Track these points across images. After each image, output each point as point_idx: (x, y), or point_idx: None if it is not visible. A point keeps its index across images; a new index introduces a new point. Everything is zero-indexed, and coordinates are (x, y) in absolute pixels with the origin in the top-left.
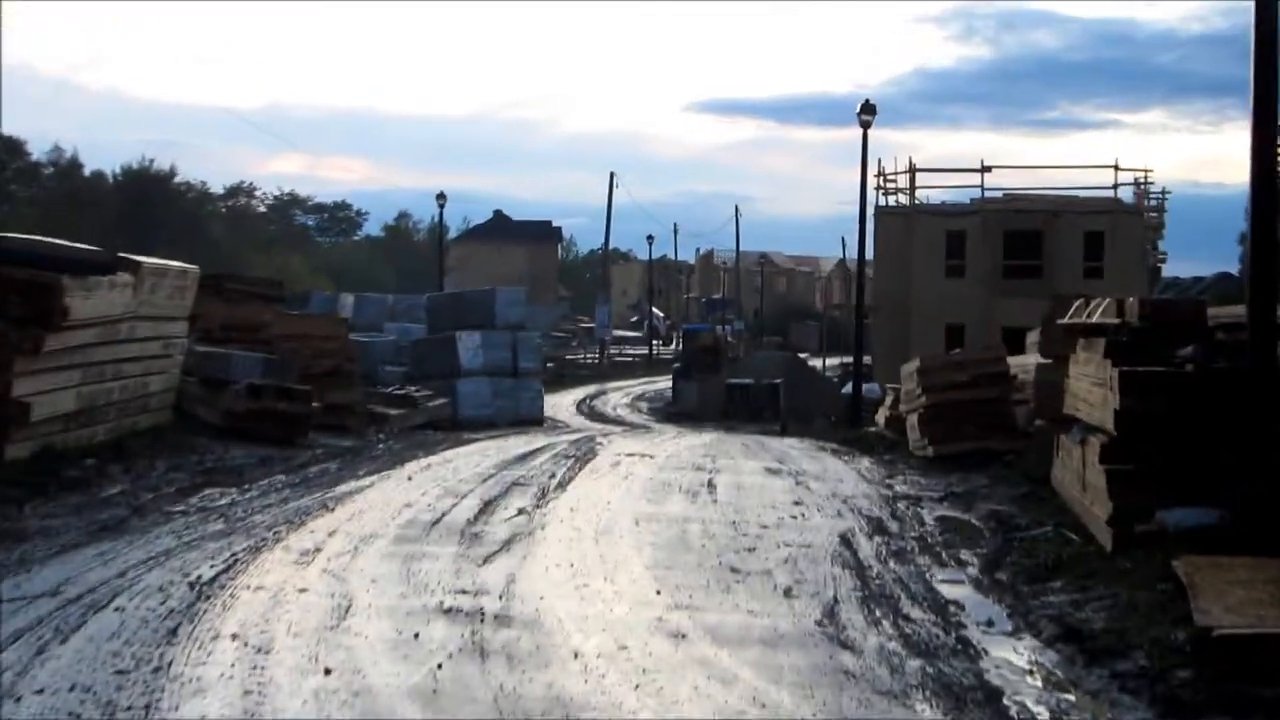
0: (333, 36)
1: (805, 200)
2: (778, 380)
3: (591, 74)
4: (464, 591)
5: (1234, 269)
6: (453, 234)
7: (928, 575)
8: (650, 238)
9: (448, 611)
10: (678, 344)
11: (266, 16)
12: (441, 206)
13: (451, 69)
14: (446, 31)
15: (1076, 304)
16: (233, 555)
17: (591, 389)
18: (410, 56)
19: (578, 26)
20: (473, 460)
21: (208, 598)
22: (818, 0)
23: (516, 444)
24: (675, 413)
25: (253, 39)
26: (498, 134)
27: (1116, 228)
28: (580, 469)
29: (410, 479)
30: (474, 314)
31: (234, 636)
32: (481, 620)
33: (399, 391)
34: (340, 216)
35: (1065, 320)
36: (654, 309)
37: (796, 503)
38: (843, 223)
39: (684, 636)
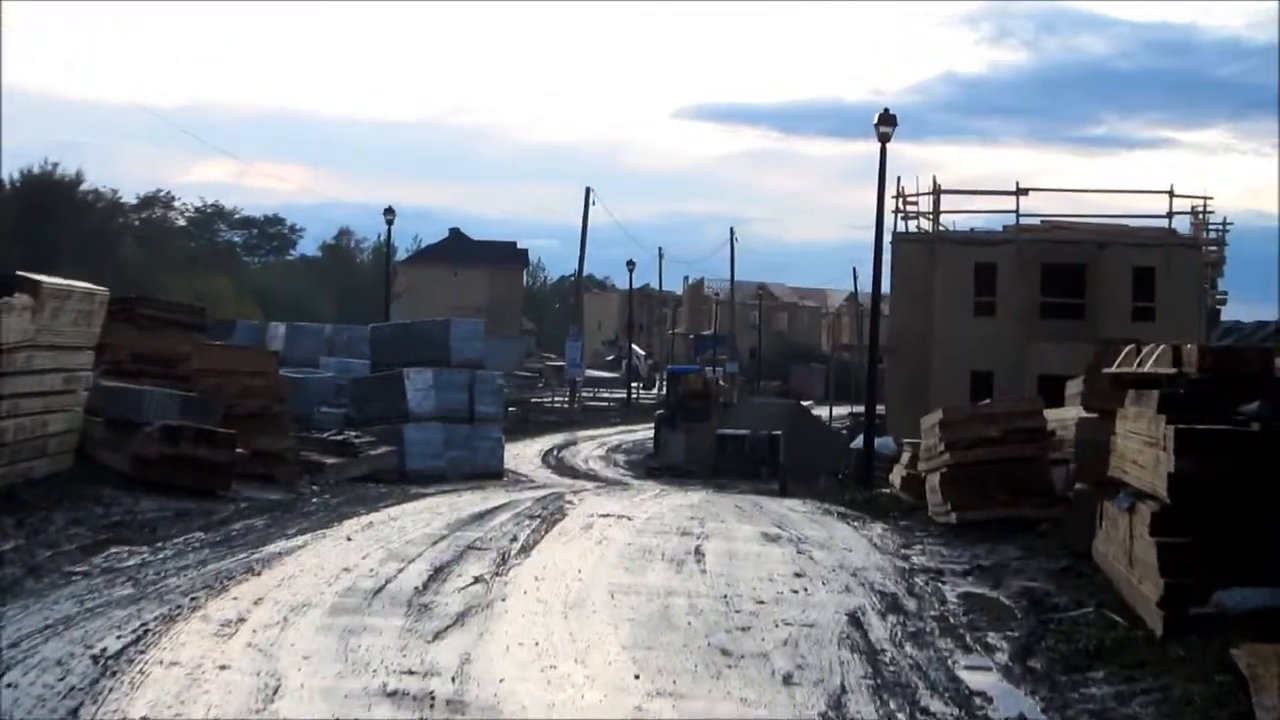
0: (264, 27)
1: (812, 224)
2: (777, 432)
3: (566, 74)
4: (411, 672)
5: None
6: (401, 255)
7: (950, 662)
8: (631, 263)
9: (392, 695)
10: (661, 387)
11: (185, 2)
12: (389, 223)
13: (403, 66)
14: (398, 25)
15: (1125, 350)
16: (143, 625)
17: (560, 438)
18: (355, 51)
19: (551, 20)
20: (422, 519)
21: (114, 674)
22: None
23: (473, 501)
24: (657, 467)
25: (172, 29)
26: (455, 141)
27: (1171, 263)
28: (546, 531)
29: (349, 539)
30: (425, 349)
31: None
32: (431, 706)
33: (337, 437)
34: (271, 233)
35: (1112, 369)
36: (634, 346)
37: (798, 575)
38: (855, 250)
39: None
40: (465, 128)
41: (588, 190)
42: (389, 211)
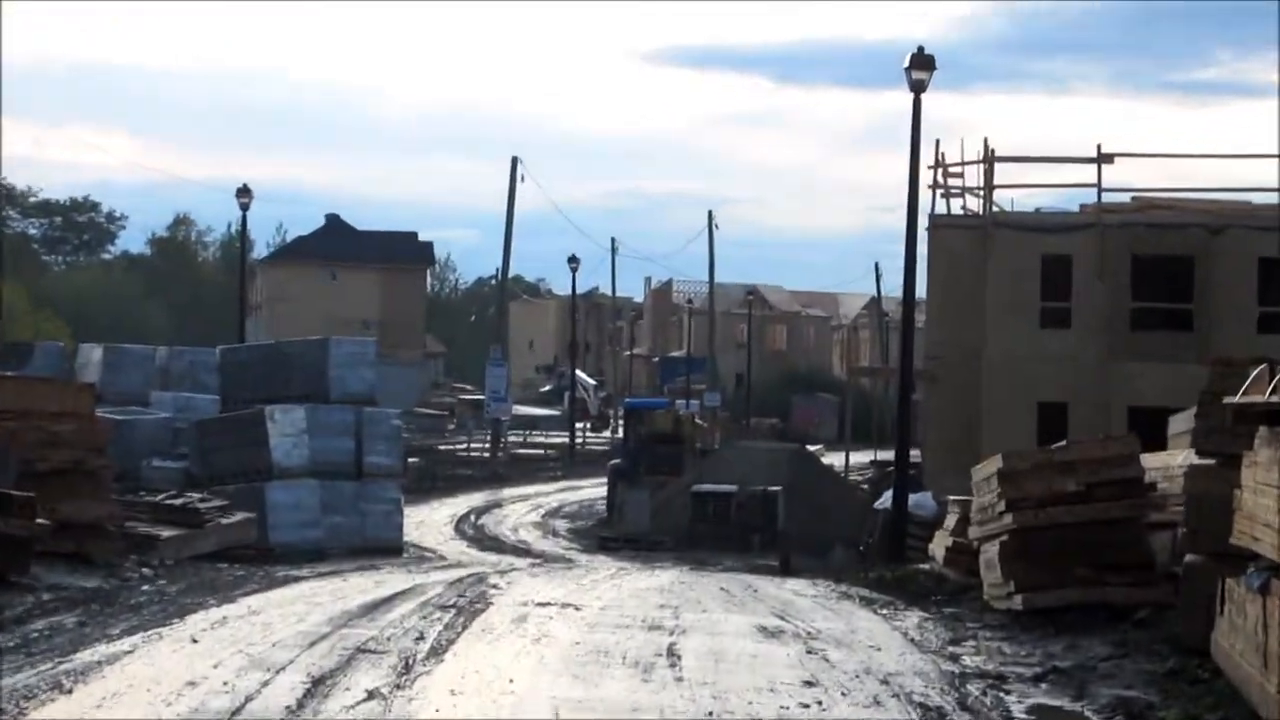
0: None
1: (819, 206)
2: (775, 487)
3: (487, 6)
4: None
5: None
6: (261, 251)
7: None
8: (574, 260)
9: None
10: (617, 428)
11: None
12: (244, 208)
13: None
14: None
15: (1255, 373)
16: None
17: (480, 498)
18: None
19: None
20: (294, 611)
21: None
22: None
23: (363, 586)
24: (613, 538)
25: None
26: (335, 100)
27: None
28: (465, 627)
29: (195, 641)
30: (295, 378)
31: None
32: None
33: (175, 501)
34: (81, 222)
35: (1235, 399)
36: (579, 373)
37: (809, 684)
38: (877, 240)
39: None
40: (348, 82)
41: (514, 162)
42: (243, 192)
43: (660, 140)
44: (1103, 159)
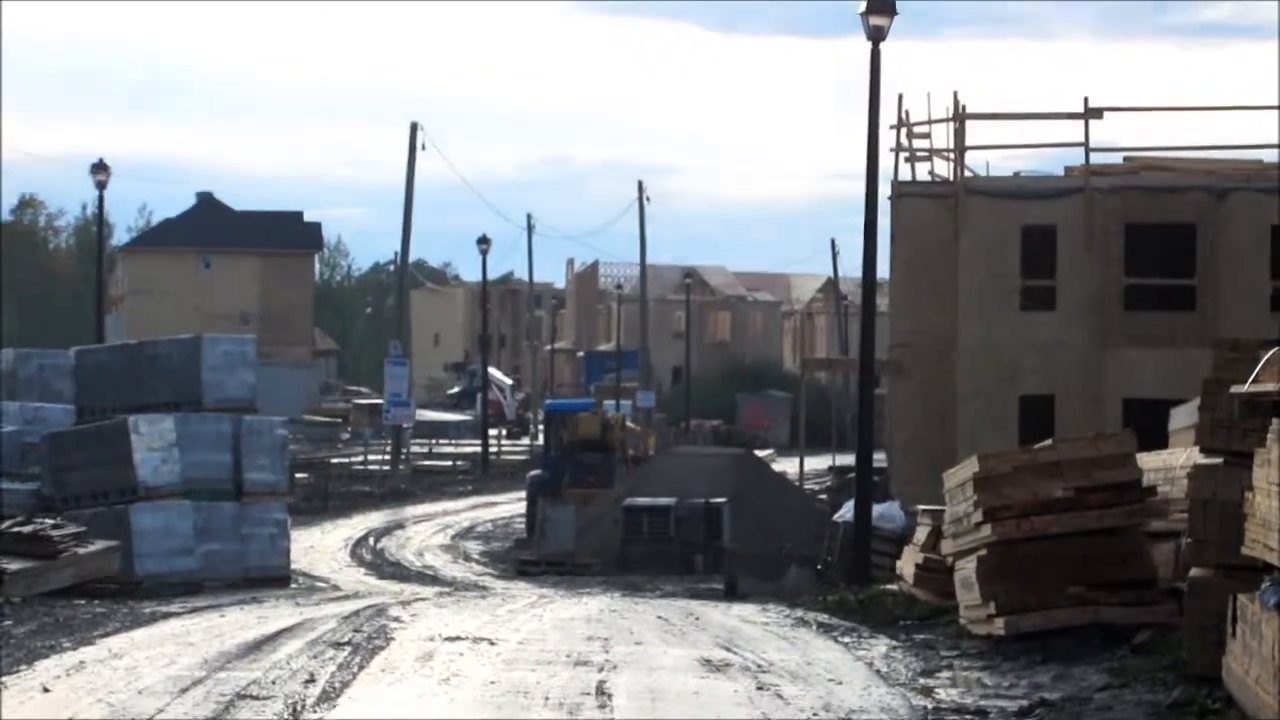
0: None
1: (767, 173)
2: (719, 499)
3: None
4: None
5: None
6: (123, 237)
7: None
8: (484, 241)
9: None
10: (537, 434)
11: None
12: (100, 187)
13: None
14: None
15: (1267, 356)
16: None
17: (379, 518)
18: None
19: None
20: (163, 654)
21: None
22: None
23: (243, 622)
24: (533, 560)
25: None
26: (206, 59)
27: None
28: (362, 668)
29: (47, 691)
30: (163, 383)
31: None
32: None
33: (23, 528)
34: None
35: (1245, 388)
36: (493, 370)
37: None
38: (834, 213)
39: None
40: (221, 43)
41: (413, 129)
42: (99, 168)
43: (581, 102)
44: (1090, 114)
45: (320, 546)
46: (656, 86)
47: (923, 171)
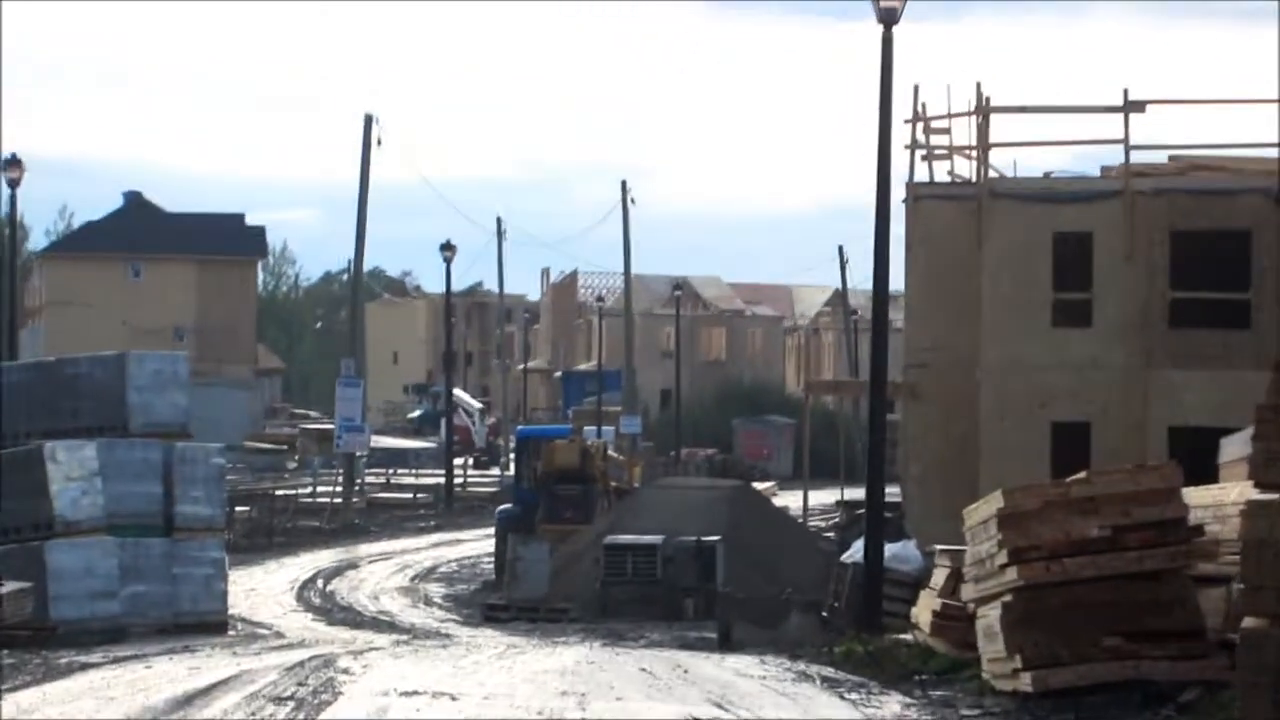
0: None
1: (765, 174)
2: (712, 537)
3: None
4: None
5: None
6: (40, 242)
7: None
8: (449, 248)
9: None
10: (508, 464)
11: None
12: (13, 185)
13: None
14: None
15: None
16: None
17: (330, 557)
18: None
19: None
20: (81, 710)
21: None
22: None
23: (173, 674)
24: (502, 605)
25: None
26: (132, 46)
27: None
28: None
29: None
30: (84, 406)
31: None
32: None
33: None
34: None
35: None
36: (459, 392)
37: None
38: (842, 217)
39: None
40: (151, 24)
41: (368, 122)
42: (12, 164)
43: (559, 94)
44: (1131, 107)
45: (262, 589)
46: (642, 78)
47: (942, 171)
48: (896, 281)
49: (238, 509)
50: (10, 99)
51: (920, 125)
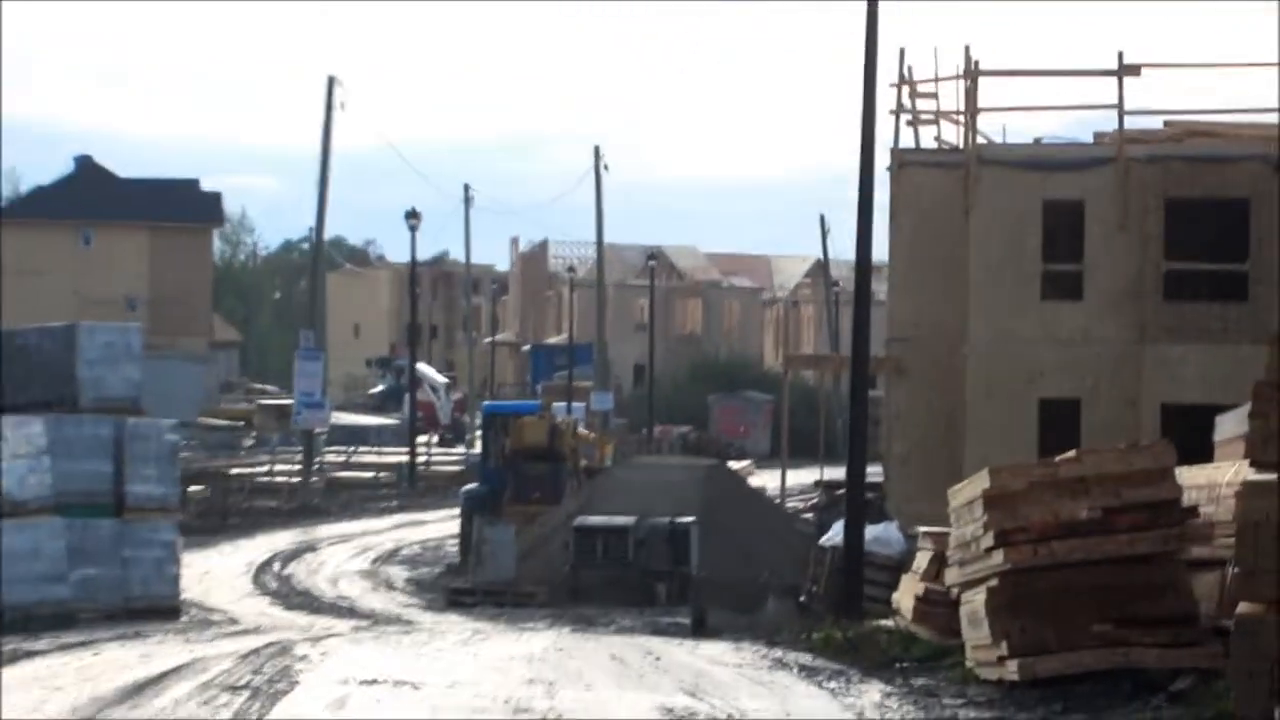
0: None
1: (743, 140)
2: (686, 518)
3: None
4: None
5: None
6: None
7: None
8: (414, 215)
9: None
10: (474, 442)
11: None
12: None
13: None
14: None
15: None
16: None
17: (288, 538)
18: None
19: None
20: (27, 700)
21: None
22: None
23: (123, 661)
24: (467, 589)
25: None
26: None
27: None
28: (262, 717)
29: None
30: (31, 380)
31: None
32: None
33: None
34: None
35: None
36: (423, 366)
37: None
38: (822, 185)
39: None
40: None
41: (330, 84)
42: None
43: (529, 56)
44: (1125, 70)
45: (217, 572)
46: (616, 39)
47: (928, 137)
48: (880, 252)
49: (191, 488)
50: None
51: (906, 89)
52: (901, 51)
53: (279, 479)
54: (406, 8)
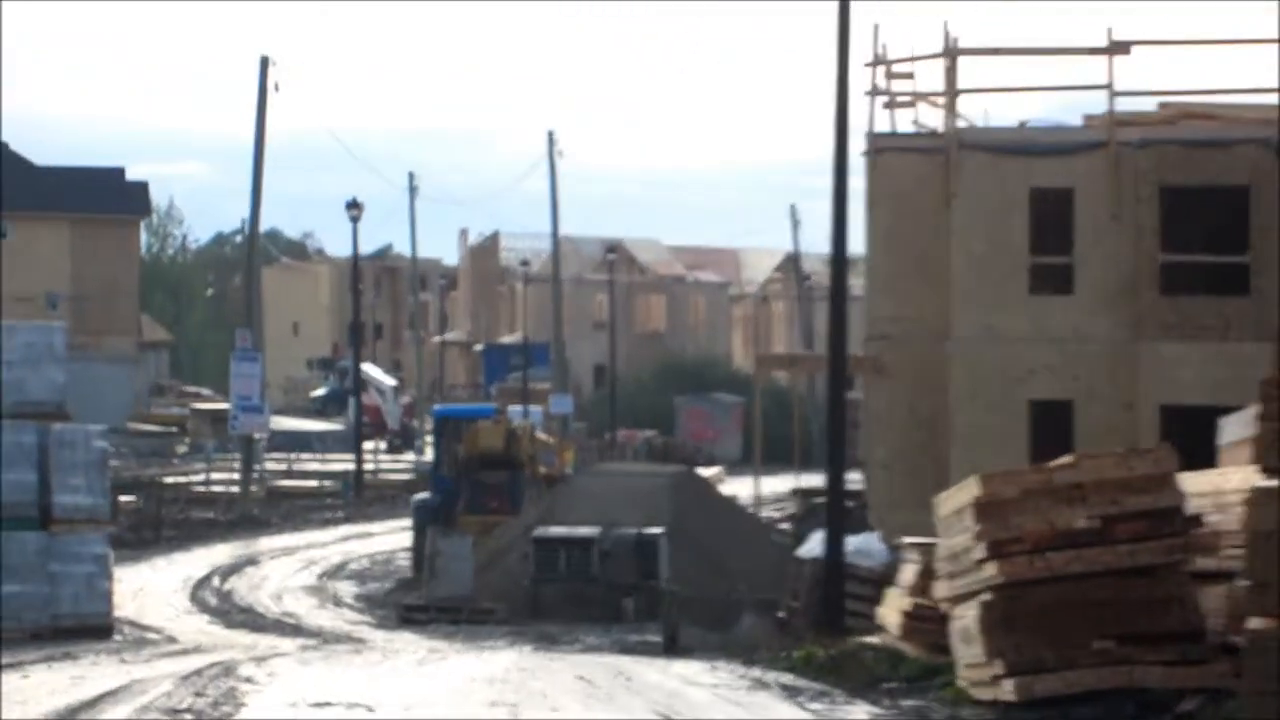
0: None
1: (709, 126)
2: (654, 529)
3: None
4: None
5: None
6: None
7: None
8: (355, 206)
9: None
10: (424, 448)
11: None
12: None
13: None
14: None
15: None
16: None
17: (227, 552)
18: None
19: None
20: None
21: None
22: None
23: (53, 685)
24: (420, 606)
25: None
26: None
27: None
28: None
29: None
30: None
31: None
32: None
33: None
34: None
35: None
36: (368, 367)
37: None
38: (793, 172)
39: None
40: None
41: (264, 64)
42: None
43: (479, 39)
44: (1115, 48)
45: (151, 588)
46: (572, 14)
47: (905, 121)
48: (856, 244)
49: (123, 499)
50: None
51: (881, 69)
52: (875, 28)
53: (216, 488)
54: None
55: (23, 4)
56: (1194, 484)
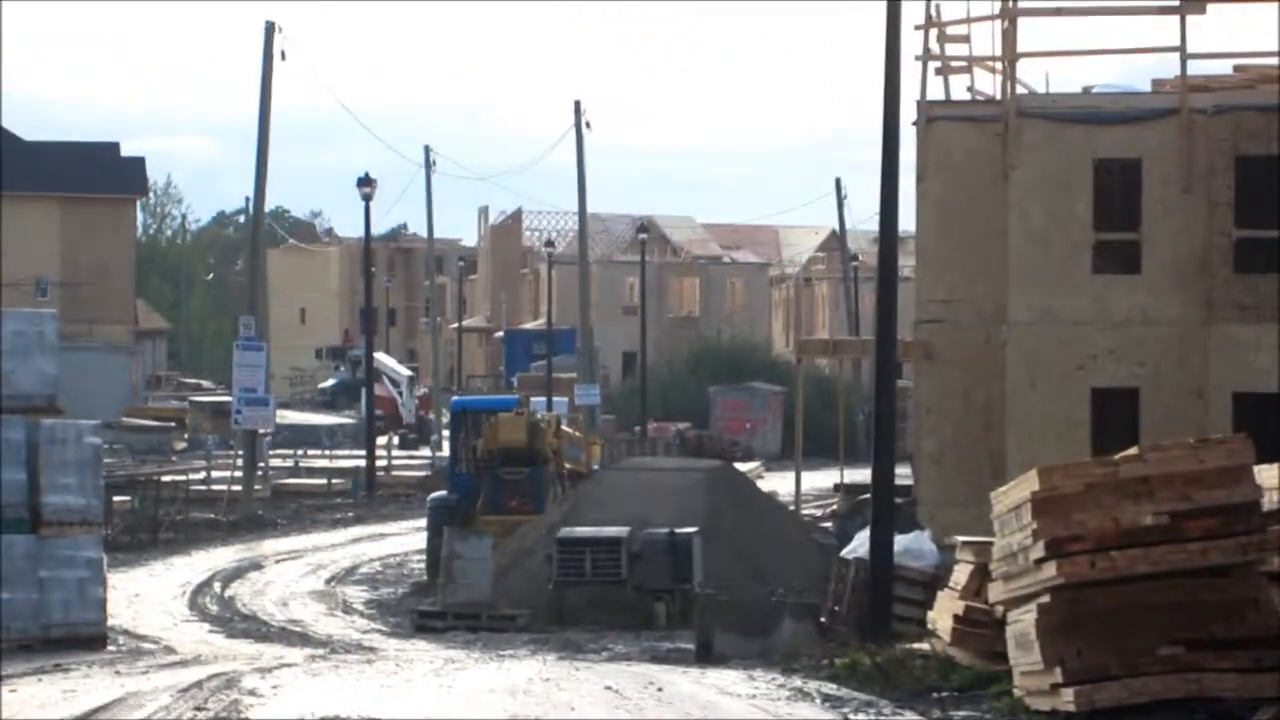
0: None
1: (748, 95)
2: (688, 529)
3: None
4: None
5: None
6: None
7: None
8: (367, 182)
9: None
10: (441, 442)
11: None
12: None
13: None
14: None
15: None
16: None
17: (230, 555)
18: None
19: None
20: None
21: None
22: None
23: (43, 699)
24: (437, 612)
25: None
26: None
27: None
28: None
29: None
30: None
31: None
32: None
33: None
34: None
35: None
36: (381, 356)
37: None
38: (839, 145)
39: None
40: None
41: (270, 30)
42: None
43: (500, 8)
44: (1188, 7)
45: (148, 594)
46: None
47: (960, 88)
48: (906, 220)
49: (117, 499)
50: None
51: (934, 32)
52: None
53: (217, 487)
54: None
55: None
56: (1270, 477)
